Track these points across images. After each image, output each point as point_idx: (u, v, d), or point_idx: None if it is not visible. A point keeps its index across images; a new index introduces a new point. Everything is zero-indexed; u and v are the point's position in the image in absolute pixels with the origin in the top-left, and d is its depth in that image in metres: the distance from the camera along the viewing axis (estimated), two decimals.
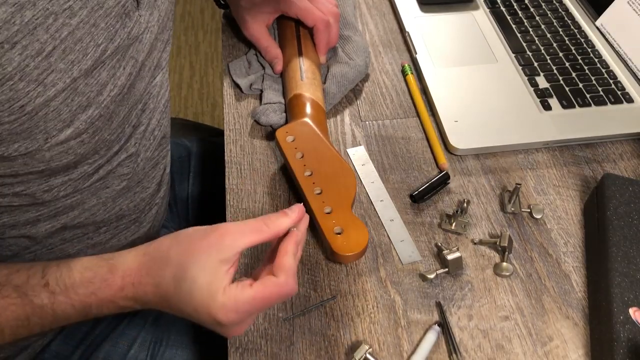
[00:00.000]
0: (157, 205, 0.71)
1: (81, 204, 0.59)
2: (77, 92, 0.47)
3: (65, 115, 0.47)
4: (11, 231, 0.57)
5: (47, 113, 0.46)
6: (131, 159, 0.61)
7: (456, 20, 0.88)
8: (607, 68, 0.80)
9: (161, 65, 0.62)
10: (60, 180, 0.54)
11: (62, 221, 0.59)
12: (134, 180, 0.64)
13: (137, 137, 0.61)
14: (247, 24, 0.77)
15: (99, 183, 0.59)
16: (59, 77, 0.45)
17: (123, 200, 0.64)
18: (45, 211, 0.57)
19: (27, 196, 0.53)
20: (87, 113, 0.49)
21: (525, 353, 0.55)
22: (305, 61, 0.75)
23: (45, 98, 0.45)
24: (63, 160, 0.51)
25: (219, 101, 2.00)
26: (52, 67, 0.44)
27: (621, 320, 0.52)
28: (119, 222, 0.66)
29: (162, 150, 0.68)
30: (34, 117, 0.45)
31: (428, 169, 0.70)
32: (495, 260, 0.62)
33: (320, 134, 0.67)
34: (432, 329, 0.56)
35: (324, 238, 0.59)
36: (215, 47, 2.18)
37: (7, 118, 0.44)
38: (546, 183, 0.69)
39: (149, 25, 0.55)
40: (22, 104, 0.44)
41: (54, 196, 0.55)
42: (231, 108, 0.76)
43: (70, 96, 0.47)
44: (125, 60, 0.52)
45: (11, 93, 0.43)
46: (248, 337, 0.56)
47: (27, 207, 0.55)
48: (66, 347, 0.71)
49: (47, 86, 0.45)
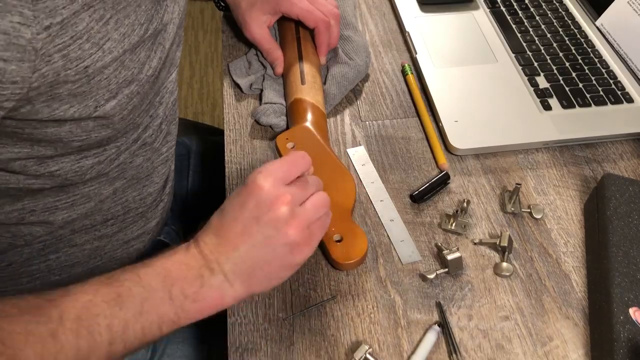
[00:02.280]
0: (163, 201, 0.72)
1: (97, 195, 0.62)
2: (124, 65, 0.51)
3: (113, 86, 0.51)
4: (30, 217, 0.59)
5: (101, 80, 0.49)
6: (145, 148, 0.64)
7: (456, 20, 0.88)
8: (607, 68, 0.80)
9: (176, 63, 0.65)
10: (90, 162, 0.57)
11: (79, 211, 0.62)
12: (144, 172, 0.66)
13: (153, 129, 0.64)
14: (248, 25, 0.78)
15: (116, 172, 0.62)
16: (114, 46, 0.49)
17: (131, 192, 0.66)
18: (64, 197, 0.59)
19: (59, 178, 0.56)
20: (130, 88, 0.53)
21: (525, 353, 0.55)
22: (305, 64, 0.75)
23: (103, 63, 0.48)
24: (102, 132, 0.54)
25: (219, 101, 2.00)
26: (109, 34, 0.48)
27: (621, 320, 0.52)
28: (125, 215, 0.67)
29: (170, 147, 0.70)
30: (92, 80, 0.48)
31: (428, 169, 0.70)
32: (495, 260, 0.62)
33: (320, 140, 0.67)
34: (432, 329, 0.56)
35: (323, 245, 0.60)
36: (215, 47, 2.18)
37: (73, 77, 0.46)
38: (546, 183, 0.69)
39: (173, 16, 0.58)
40: (86, 64, 0.47)
41: (80, 179, 0.58)
42: (231, 108, 0.76)
43: (119, 68, 0.50)
44: (156, 45, 0.55)
45: (80, 52, 0.46)
46: (248, 337, 0.56)
47: (50, 192, 0.58)
48: None
49: (105, 52, 0.48)
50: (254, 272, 0.49)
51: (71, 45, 0.45)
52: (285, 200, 0.48)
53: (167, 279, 0.48)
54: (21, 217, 0.59)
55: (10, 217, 0.58)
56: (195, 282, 0.48)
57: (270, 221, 0.48)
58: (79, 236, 0.64)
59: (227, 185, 0.68)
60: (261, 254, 0.49)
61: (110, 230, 0.66)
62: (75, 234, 0.64)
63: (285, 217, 0.48)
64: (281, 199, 0.48)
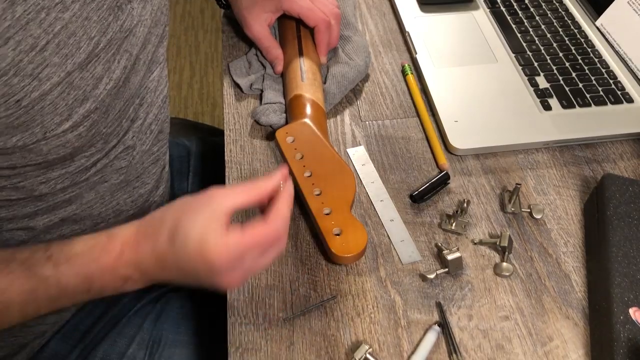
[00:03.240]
0: (156, 203, 0.71)
1: (79, 198, 0.60)
2: (73, 85, 0.48)
3: (62, 109, 0.48)
4: (8, 225, 0.57)
5: (44, 107, 0.46)
6: (128, 151, 0.61)
7: (456, 20, 0.88)
8: (607, 68, 0.80)
9: (158, 60, 0.62)
10: (57, 173, 0.55)
11: (60, 215, 0.60)
12: (132, 174, 0.64)
13: (134, 131, 0.61)
14: (249, 23, 0.78)
15: (96, 177, 0.59)
16: (54, 71, 0.46)
17: (121, 194, 0.65)
18: (44, 205, 0.57)
19: (25, 189, 0.54)
20: (85, 107, 0.50)
21: (525, 353, 0.55)
22: (305, 62, 0.75)
23: (40, 92, 0.45)
24: (60, 152, 0.51)
25: (219, 101, 2.00)
26: (46, 61, 0.45)
27: (621, 320, 0.52)
28: (117, 218, 0.66)
29: (162, 146, 0.68)
30: (30, 110, 0.46)
31: (428, 169, 0.70)
32: (495, 260, 0.62)
33: (320, 135, 0.67)
34: (432, 329, 0.56)
35: (322, 239, 0.59)
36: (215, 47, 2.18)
37: (3, 113, 0.44)
38: (546, 183, 0.69)
39: (142, 18, 0.55)
40: (17, 98, 0.44)
41: (51, 189, 0.56)
42: (231, 108, 0.76)
43: (67, 90, 0.47)
44: (120, 53, 0.52)
45: (6, 88, 0.43)
46: (248, 337, 0.56)
47: (25, 202, 0.56)
48: (64, 346, 0.71)
49: (42, 80, 0.45)
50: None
51: None
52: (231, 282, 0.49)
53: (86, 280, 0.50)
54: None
55: None
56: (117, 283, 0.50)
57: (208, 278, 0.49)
58: None
59: (228, 185, 0.68)
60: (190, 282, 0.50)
61: None
62: (64, 239, 0.63)
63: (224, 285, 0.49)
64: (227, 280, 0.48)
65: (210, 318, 0.76)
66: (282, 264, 0.61)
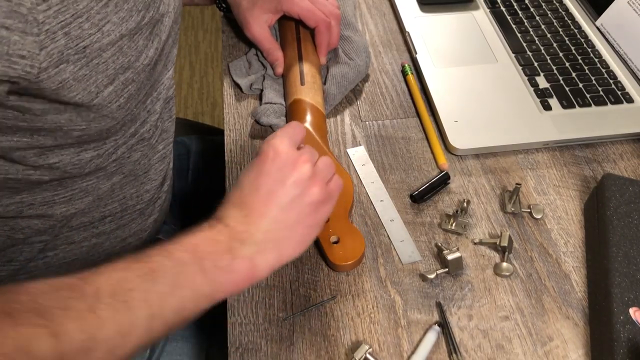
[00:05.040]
0: (161, 199, 0.72)
1: (95, 190, 0.62)
2: (122, 51, 0.51)
3: (111, 71, 0.51)
4: (29, 210, 0.59)
5: (99, 64, 0.49)
6: (143, 143, 0.64)
7: (456, 20, 0.88)
8: (607, 68, 0.80)
9: (172, 60, 0.65)
10: (89, 155, 0.57)
11: (77, 206, 0.62)
12: (141, 169, 0.66)
13: (150, 124, 0.64)
14: (249, 24, 0.78)
15: (115, 164, 0.62)
16: (112, 29, 0.49)
17: (129, 189, 0.66)
18: (62, 191, 0.59)
19: (58, 170, 0.56)
20: (126, 75, 0.53)
21: (525, 353, 0.55)
22: (305, 64, 0.75)
23: (100, 45, 0.49)
24: (101, 123, 0.54)
25: (219, 101, 2.00)
26: (108, 17, 0.48)
27: (621, 320, 0.53)
28: (123, 212, 0.67)
29: (167, 145, 0.70)
30: (90, 63, 0.49)
31: (428, 169, 0.70)
32: (495, 260, 0.62)
33: (319, 141, 0.67)
34: (432, 329, 0.56)
35: (320, 247, 0.60)
36: (215, 47, 2.18)
37: (73, 56, 0.47)
38: (546, 183, 0.69)
39: (169, 9, 0.59)
40: (85, 44, 0.47)
41: (79, 172, 0.58)
42: (231, 108, 0.76)
43: (117, 54, 0.51)
44: (154, 35, 0.56)
45: (79, 31, 0.46)
46: (248, 337, 0.56)
47: (47, 185, 0.58)
48: None
49: (104, 33, 0.48)
50: (283, 237, 0.51)
51: (72, 23, 0.45)
52: (306, 159, 0.52)
53: (196, 253, 0.48)
54: (19, 211, 0.59)
55: (9, 210, 0.58)
56: (226, 255, 0.48)
57: (295, 182, 0.51)
58: (77, 233, 0.64)
59: (227, 185, 0.68)
60: (289, 216, 0.51)
61: (108, 227, 0.67)
62: (73, 231, 0.64)
63: (309, 175, 0.51)
64: (302, 158, 0.52)
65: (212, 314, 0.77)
66: None
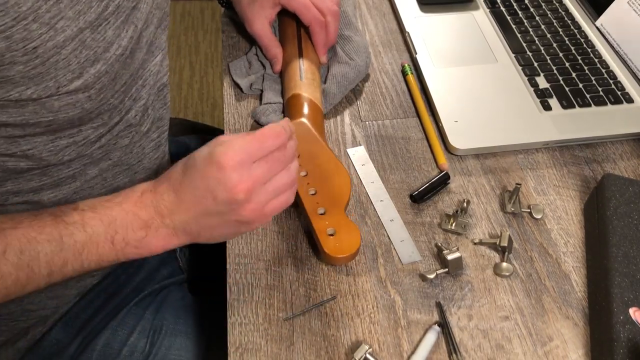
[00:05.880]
0: None
1: (82, 175, 0.62)
2: (85, 45, 0.50)
3: (75, 66, 0.50)
4: (14, 198, 0.59)
5: (58, 61, 0.49)
6: (130, 129, 0.64)
7: (456, 20, 0.88)
8: (607, 68, 0.80)
9: (161, 46, 0.65)
10: (65, 142, 0.57)
11: (64, 191, 0.61)
12: (134, 157, 0.66)
13: (137, 110, 0.63)
14: (250, 20, 0.78)
15: (100, 152, 0.62)
16: (68, 25, 0.48)
17: (122, 177, 0.66)
18: (48, 180, 0.59)
19: (34, 157, 0.56)
20: (95, 67, 0.52)
21: (525, 353, 0.55)
22: (305, 61, 0.75)
23: (55, 43, 0.48)
24: (70, 112, 0.54)
25: (219, 101, 2.00)
26: (61, 13, 0.48)
27: (621, 320, 0.53)
28: None
29: (161, 133, 0.70)
30: (46, 62, 0.48)
31: (428, 169, 0.70)
32: (495, 260, 0.62)
33: (316, 135, 0.67)
34: (432, 329, 0.56)
35: (316, 239, 0.59)
36: (215, 47, 2.18)
37: (20, 58, 0.46)
38: (546, 183, 0.69)
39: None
40: (35, 45, 0.47)
41: (58, 159, 0.58)
42: (231, 108, 0.76)
43: (79, 48, 0.50)
44: (128, 24, 0.55)
45: (25, 33, 0.46)
46: (248, 337, 0.56)
47: (31, 175, 0.58)
48: (66, 334, 0.71)
49: (57, 31, 0.48)
50: (201, 231, 0.53)
51: (14, 26, 0.45)
52: (245, 187, 0.49)
53: (111, 225, 0.52)
54: (5, 199, 0.59)
55: None
56: (140, 231, 0.52)
57: (225, 201, 0.50)
58: None
59: None
60: (211, 222, 0.52)
61: None
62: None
63: (242, 201, 0.50)
64: (240, 186, 0.49)
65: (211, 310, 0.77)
66: (282, 264, 0.61)
